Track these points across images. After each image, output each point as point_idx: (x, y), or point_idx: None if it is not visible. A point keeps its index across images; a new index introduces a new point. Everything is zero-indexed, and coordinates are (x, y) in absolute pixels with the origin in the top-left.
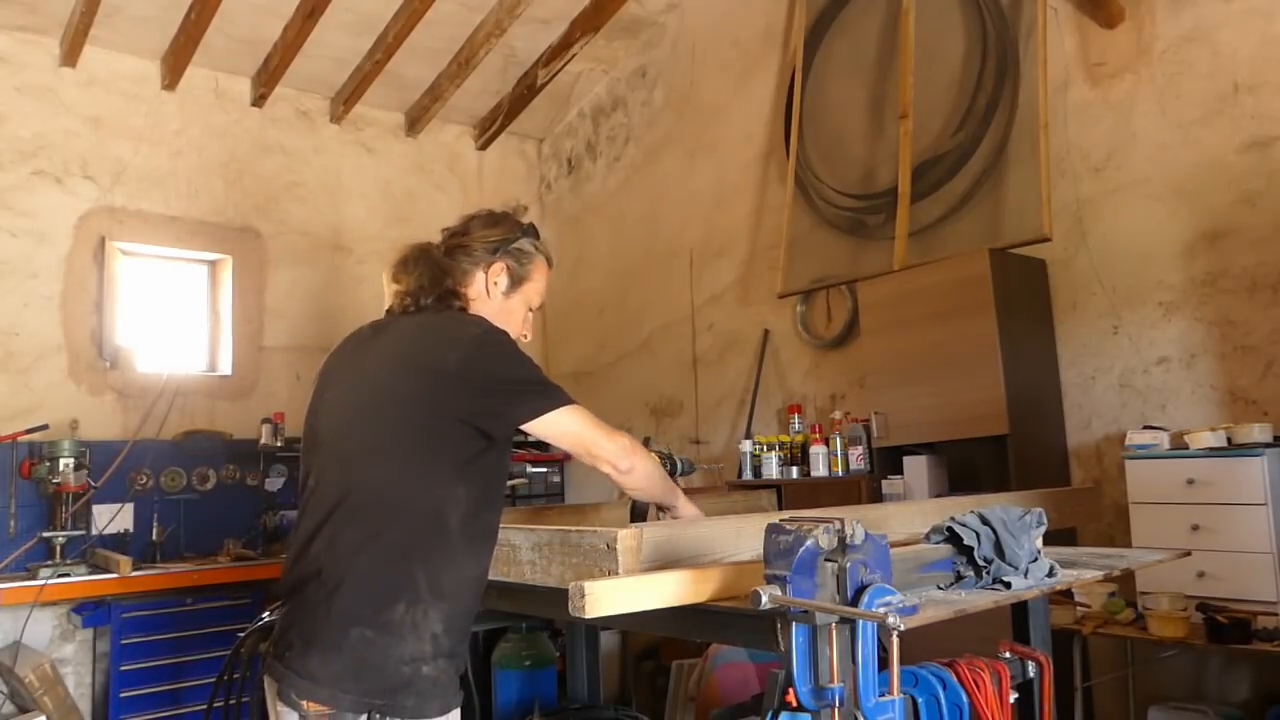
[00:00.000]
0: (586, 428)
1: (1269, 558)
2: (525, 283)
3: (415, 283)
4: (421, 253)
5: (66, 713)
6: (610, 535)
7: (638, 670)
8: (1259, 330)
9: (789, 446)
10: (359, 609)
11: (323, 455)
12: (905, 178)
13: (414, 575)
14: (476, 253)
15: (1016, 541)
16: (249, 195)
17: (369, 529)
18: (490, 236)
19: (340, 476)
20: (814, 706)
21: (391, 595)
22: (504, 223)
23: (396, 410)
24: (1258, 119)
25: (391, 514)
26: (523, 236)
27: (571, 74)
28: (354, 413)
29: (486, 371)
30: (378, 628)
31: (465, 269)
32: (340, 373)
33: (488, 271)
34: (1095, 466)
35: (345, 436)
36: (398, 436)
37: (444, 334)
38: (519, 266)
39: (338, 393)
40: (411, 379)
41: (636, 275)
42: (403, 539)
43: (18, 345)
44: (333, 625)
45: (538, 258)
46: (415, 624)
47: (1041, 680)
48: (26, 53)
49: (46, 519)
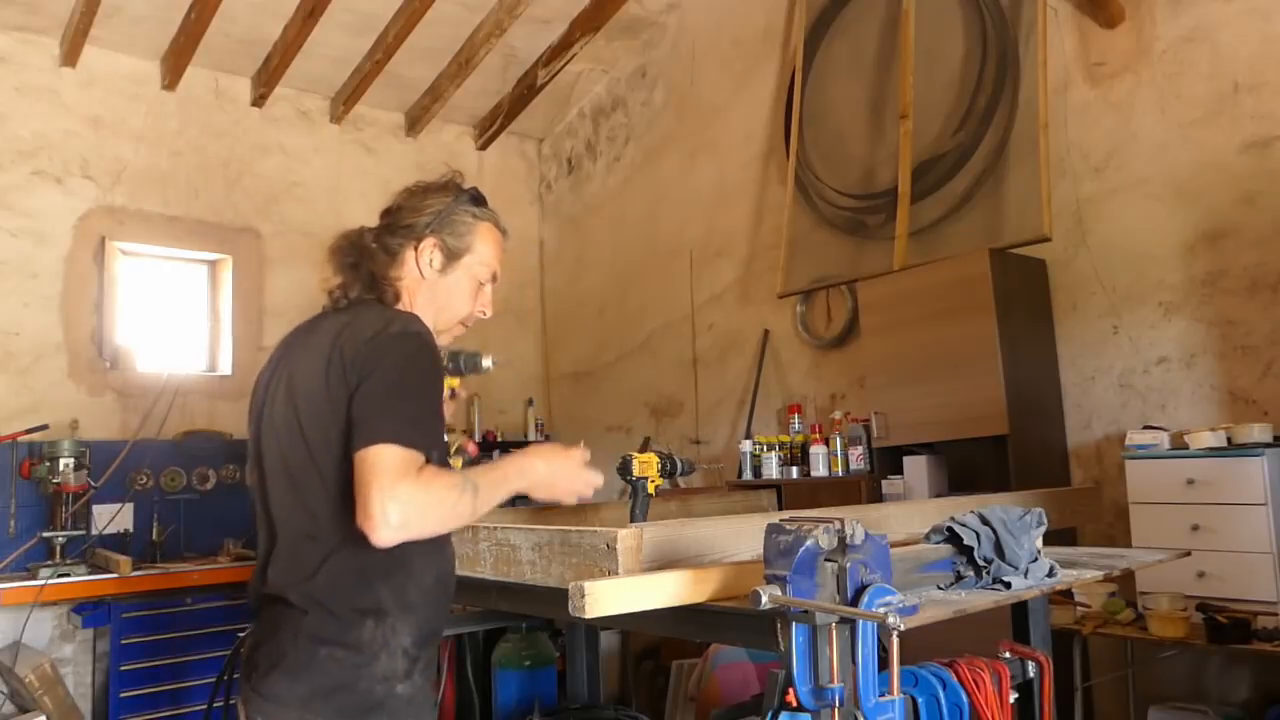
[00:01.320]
0: (383, 465)
1: (1269, 558)
2: (464, 255)
3: (340, 275)
4: (345, 240)
5: (66, 713)
6: (610, 535)
7: (638, 670)
8: (1259, 330)
9: (789, 446)
10: (326, 629)
11: (270, 473)
12: (905, 178)
13: (377, 593)
14: (405, 229)
15: (1016, 541)
16: (249, 195)
17: (323, 549)
18: (421, 209)
19: (288, 496)
20: (814, 706)
21: (358, 614)
22: (435, 192)
23: (321, 427)
24: (1258, 119)
25: (340, 533)
26: (456, 204)
27: (571, 74)
28: (289, 432)
29: (365, 368)
30: (348, 646)
31: (394, 249)
32: (275, 383)
33: (418, 249)
34: (1095, 466)
35: (288, 455)
36: (323, 455)
37: (356, 333)
38: (454, 239)
39: (275, 407)
40: (332, 388)
41: (636, 275)
42: (358, 558)
43: (18, 345)
44: (299, 646)
45: (479, 224)
46: (386, 641)
47: (1041, 680)
48: (26, 53)
49: (46, 519)
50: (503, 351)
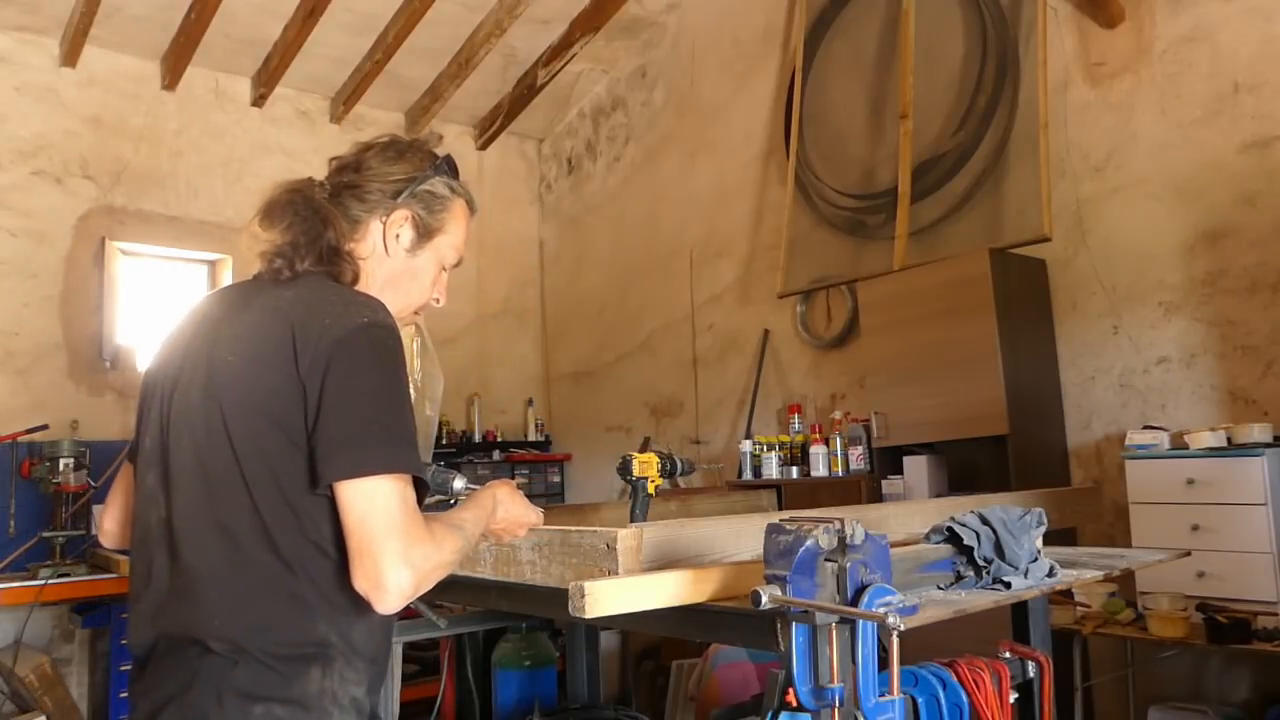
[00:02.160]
0: (391, 516)
1: (1269, 558)
2: (437, 234)
3: (285, 237)
4: (295, 194)
5: (66, 713)
6: (610, 535)
7: (638, 670)
8: (1259, 330)
9: (789, 446)
10: (261, 683)
11: (178, 479)
12: (905, 178)
13: (323, 635)
14: (372, 196)
15: (1016, 541)
16: (249, 195)
17: (256, 580)
18: (392, 174)
19: (202, 508)
20: (814, 706)
21: (300, 661)
22: (410, 155)
23: (251, 428)
24: (1258, 119)
25: (275, 560)
26: (434, 174)
27: (571, 74)
28: (207, 430)
29: (334, 369)
30: (290, 703)
31: (356, 217)
32: (191, 367)
33: (386, 221)
34: (1095, 466)
35: (205, 458)
36: (249, 463)
37: (314, 318)
38: (428, 215)
39: (190, 397)
40: (276, 381)
41: (636, 275)
42: (290, 586)
43: (18, 345)
44: (225, 706)
45: (455, 201)
46: (335, 694)
47: (1041, 680)
48: (26, 53)
49: (46, 519)
50: (503, 351)
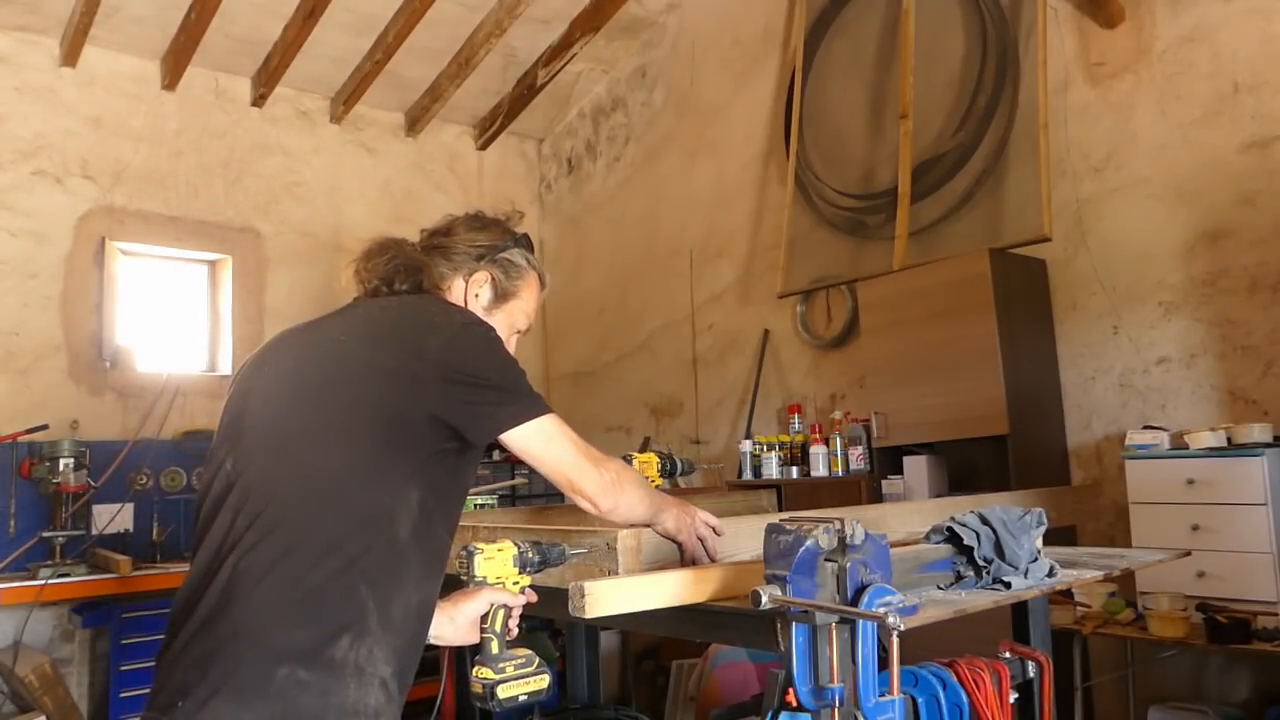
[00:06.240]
0: (571, 453)
1: (1269, 558)
2: (511, 299)
3: (386, 268)
4: (393, 245)
5: (66, 713)
6: (610, 535)
7: (638, 670)
8: (1259, 330)
9: (789, 446)
10: (292, 640)
11: (246, 445)
12: (905, 178)
13: (361, 598)
14: (458, 257)
15: (1016, 541)
16: (249, 195)
17: (303, 530)
18: (477, 240)
19: (269, 468)
20: (814, 706)
21: (336, 623)
22: (494, 228)
23: (352, 387)
24: (1258, 119)
25: (331, 512)
26: (514, 246)
27: (571, 74)
28: (294, 394)
29: (468, 364)
30: (316, 667)
31: (443, 273)
32: (282, 353)
33: (469, 280)
34: (1095, 466)
35: (281, 419)
36: (349, 416)
37: (423, 316)
38: (506, 279)
39: (281, 368)
40: (379, 354)
41: (636, 275)
42: (347, 546)
43: (18, 345)
44: (252, 663)
45: (530, 273)
46: (360, 666)
47: (1041, 680)
48: (26, 53)
49: (46, 519)
50: None
